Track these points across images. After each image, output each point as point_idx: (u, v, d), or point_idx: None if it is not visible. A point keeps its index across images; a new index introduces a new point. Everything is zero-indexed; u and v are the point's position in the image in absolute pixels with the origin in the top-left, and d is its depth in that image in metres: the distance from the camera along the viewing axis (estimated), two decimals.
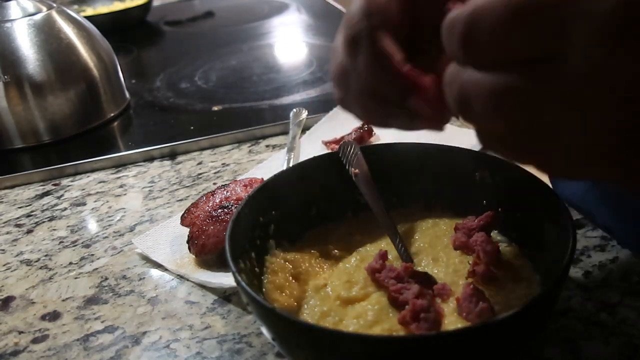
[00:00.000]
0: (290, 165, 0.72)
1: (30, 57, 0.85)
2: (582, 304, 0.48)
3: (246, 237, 0.48)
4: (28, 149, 0.86)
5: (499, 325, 0.37)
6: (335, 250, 0.52)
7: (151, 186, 0.75)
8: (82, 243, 0.64)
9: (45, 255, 0.63)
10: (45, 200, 0.74)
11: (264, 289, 0.47)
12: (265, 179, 0.54)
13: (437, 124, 0.42)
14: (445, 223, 0.52)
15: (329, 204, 0.55)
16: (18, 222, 0.70)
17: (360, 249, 0.51)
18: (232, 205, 0.58)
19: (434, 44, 0.33)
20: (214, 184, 0.73)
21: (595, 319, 0.46)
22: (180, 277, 0.56)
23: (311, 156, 0.56)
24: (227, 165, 0.78)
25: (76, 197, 0.74)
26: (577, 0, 0.25)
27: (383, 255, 0.46)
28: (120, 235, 0.65)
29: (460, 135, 0.68)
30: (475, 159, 0.52)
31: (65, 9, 0.94)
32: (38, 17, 0.88)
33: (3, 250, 0.65)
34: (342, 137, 0.75)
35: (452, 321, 0.42)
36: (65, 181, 0.79)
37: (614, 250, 0.53)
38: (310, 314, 0.44)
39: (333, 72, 0.45)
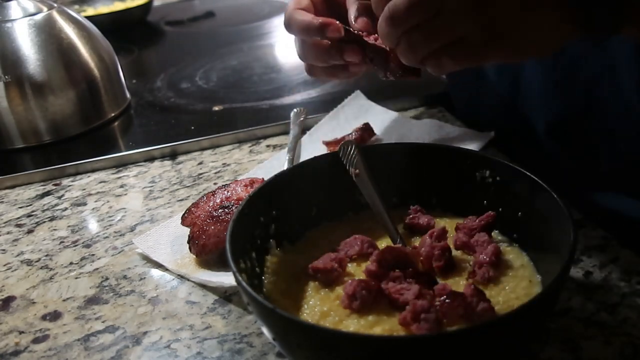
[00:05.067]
0: (291, 165, 0.72)
1: (31, 57, 0.85)
2: (582, 304, 0.48)
3: (247, 237, 0.48)
4: (29, 149, 0.86)
5: (499, 325, 0.37)
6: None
7: (152, 186, 0.75)
8: (83, 243, 0.64)
9: (46, 255, 0.63)
10: (46, 200, 0.74)
11: (264, 289, 0.47)
12: (265, 179, 0.54)
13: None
14: (446, 223, 0.52)
15: (329, 204, 0.55)
16: (19, 222, 0.70)
17: None
18: (232, 205, 0.58)
19: None
20: (215, 184, 0.73)
21: (596, 319, 0.46)
22: (181, 277, 0.56)
23: (311, 156, 0.56)
24: (228, 165, 0.78)
25: (77, 197, 0.74)
26: None
27: (377, 255, 0.46)
28: (120, 235, 0.65)
29: (461, 136, 0.68)
30: (475, 159, 0.52)
31: (65, 9, 0.94)
32: (39, 17, 0.88)
33: (4, 250, 0.65)
34: (343, 137, 0.75)
35: None
36: (65, 181, 0.79)
37: (614, 250, 0.53)
38: (310, 314, 0.45)
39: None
